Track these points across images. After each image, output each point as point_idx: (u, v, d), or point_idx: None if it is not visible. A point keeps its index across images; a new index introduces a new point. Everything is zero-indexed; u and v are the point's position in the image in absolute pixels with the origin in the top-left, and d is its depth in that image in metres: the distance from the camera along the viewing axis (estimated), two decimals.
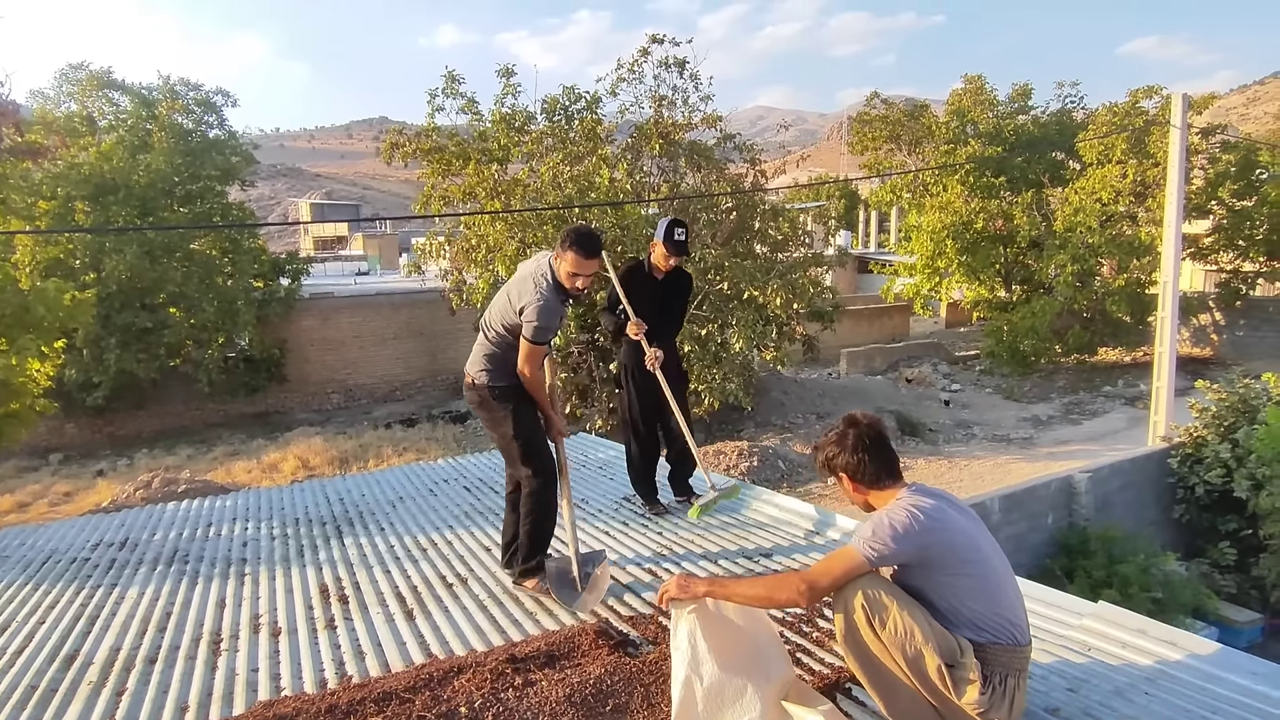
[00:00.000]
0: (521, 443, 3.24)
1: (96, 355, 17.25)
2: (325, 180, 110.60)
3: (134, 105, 20.07)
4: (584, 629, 2.82)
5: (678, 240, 4.11)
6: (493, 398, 3.27)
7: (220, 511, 4.89)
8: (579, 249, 3.07)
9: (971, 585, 1.99)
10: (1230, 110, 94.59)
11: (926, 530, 1.97)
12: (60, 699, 2.62)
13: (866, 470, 2.14)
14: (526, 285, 3.16)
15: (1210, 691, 2.30)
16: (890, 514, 2.02)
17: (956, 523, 2.03)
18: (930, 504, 2.03)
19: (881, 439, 2.17)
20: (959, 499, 2.21)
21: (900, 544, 1.96)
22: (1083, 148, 20.24)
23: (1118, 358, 22.50)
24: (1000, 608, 2.00)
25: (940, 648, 1.91)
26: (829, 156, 75.49)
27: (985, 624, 1.97)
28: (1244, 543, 8.79)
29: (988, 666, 1.94)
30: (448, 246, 15.68)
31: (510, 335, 3.20)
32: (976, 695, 1.89)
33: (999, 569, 2.06)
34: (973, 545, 2.03)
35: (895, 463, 2.18)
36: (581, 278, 3.12)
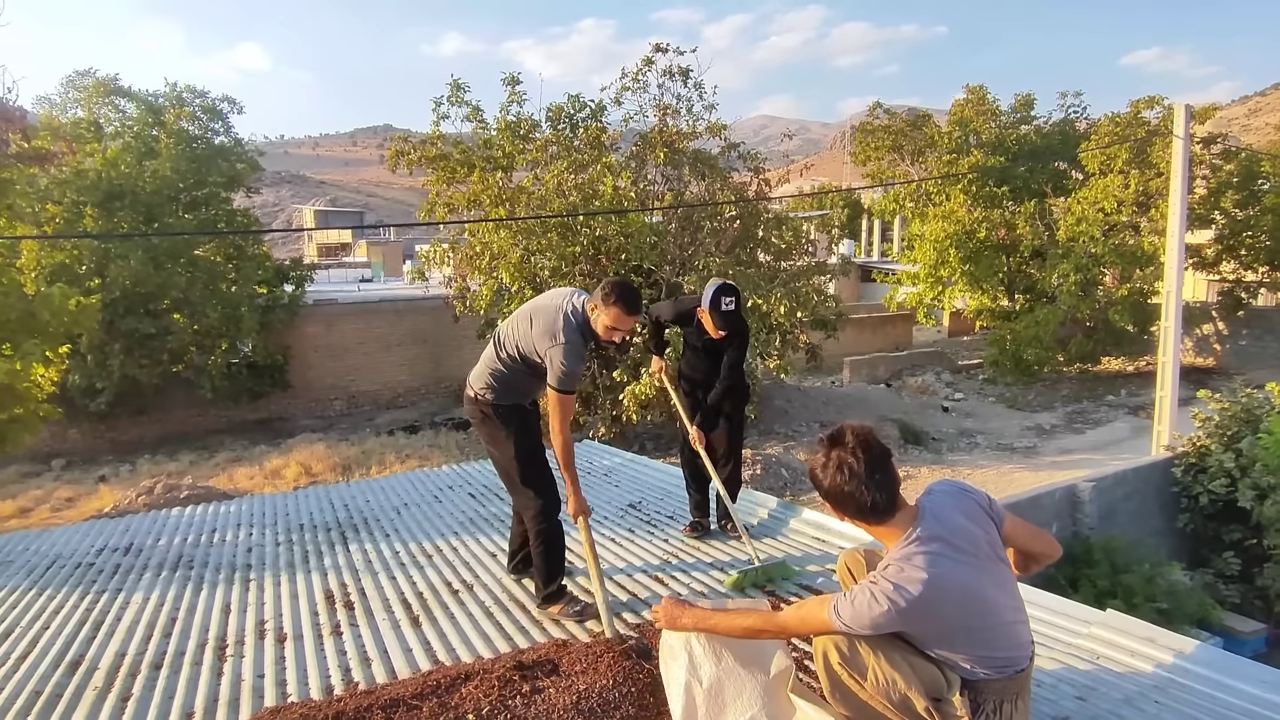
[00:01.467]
0: (522, 464, 3.13)
1: (100, 361, 17.29)
2: (329, 187, 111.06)
3: (140, 112, 20.18)
4: (592, 638, 2.83)
5: (725, 311, 3.63)
6: (495, 415, 3.17)
7: (225, 517, 4.90)
8: (623, 305, 2.94)
9: (961, 640, 1.86)
10: (1232, 121, 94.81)
11: (909, 618, 1.79)
12: (65, 705, 2.63)
13: (849, 504, 1.86)
14: (553, 321, 2.98)
15: (1220, 700, 2.30)
16: (871, 598, 1.80)
17: (951, 588, 1.80)
18: (920, 578, 1.78)
19: (869, 467, 1.83)
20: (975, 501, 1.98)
21: (878, 629, 1.82)
22: (1085, 158, 20.28)
23: (1121, 367, 22.48)
24: (993, 649, 1.88)
25: (926, 687, 1.84)
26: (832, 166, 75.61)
27: (976, 665, 1.87)
28: (1248, 552, 8.76)
29: (980, 696, 1.87)
30: (452, 254, 15.73)
31: (523, 362, 3.09)
32: None
33: (999, 607, 1.89)
34: (965, 605, 1.83)
35: (891, 495, 1.86)
36: (619, 333, 3.01)
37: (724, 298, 3.63)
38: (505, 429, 3.15)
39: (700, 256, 14.31)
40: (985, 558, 1.90)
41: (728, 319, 3.65)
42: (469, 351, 21.16)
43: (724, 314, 3.63)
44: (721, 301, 3.62)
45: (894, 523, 1.88)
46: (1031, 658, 1.97)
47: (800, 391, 18.72)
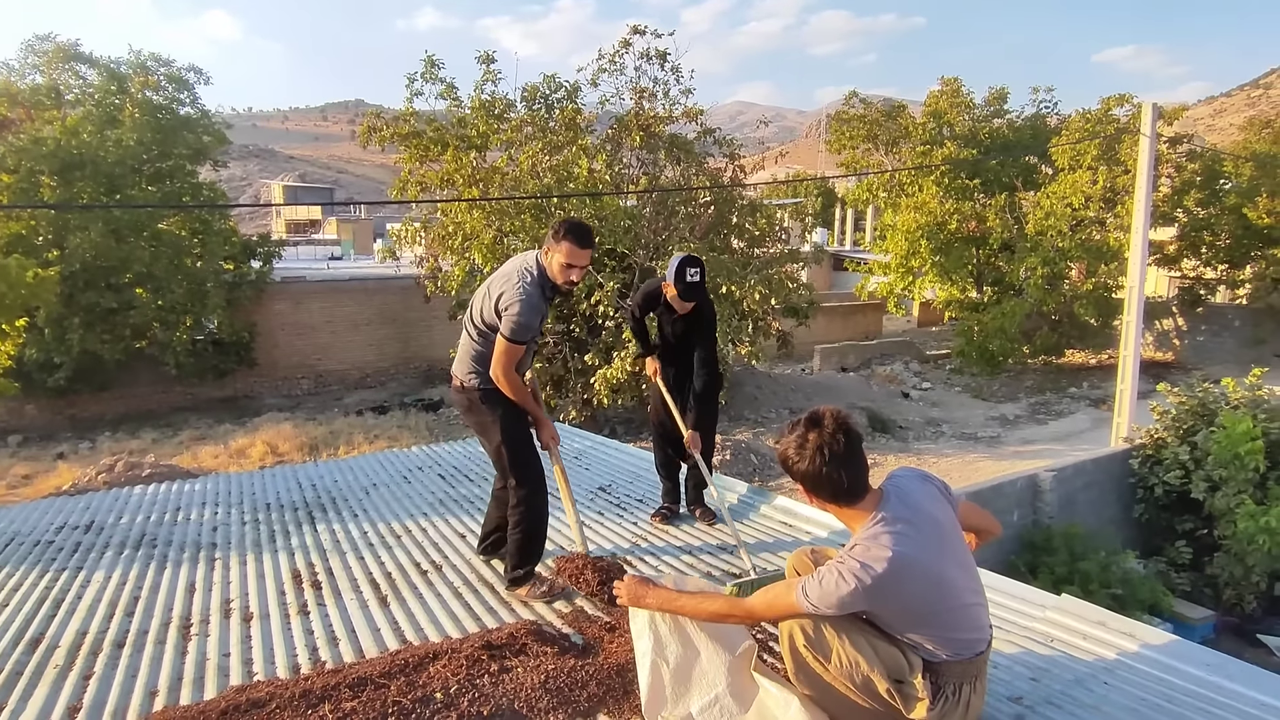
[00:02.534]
0: (510, 449, 3.13)
1: (58, 335, 16.83)
2: (298, 162, 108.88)
3: (102, 80, 19.56)
4: (565, 618, 2.85)
5: (690, 282, 3.62)
6: (481, 401, 3.15)
7: (189, 496, 4.83)
8: (573, 238, 2.97)
9: (921, 623, 1.91)
10: (1198, 121, 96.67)
11: (873, 596, 1.84)
12: (25, 682, 2.58)
13: (825, 486, 1.91)
14: (510, 280, 3.01)
15: (1166, 682, 2.38)
16: (839, 577, 1.84)
17: (912, 569, 1.85)
18: (885, 557, 1.82)
19: (847, 450, 1.89)
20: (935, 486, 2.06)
21: (843, 610, 1.87)
22: (1055, 153, 20.59)
23: (1084, 360, 22.98)
24: (954, 630, 1.93)
25: (888, 669, 1.89)
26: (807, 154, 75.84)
27: (937, 647, 1.92)
28: (1200, 542, 9.04)
29: (940, 678, 1.92)
30: (424, 233, 15.55)
31: (492, 333, 3.06)
32: (925, 710, 1.89)
33: (959, 589, 1.94)
34: (928, 584, 1.89)
35: (860, 477, 1.92)
36: (575, 269, 3.01)
37: (689, 269, 3.61)
38: (492, 415, 3.13)
39: (674, 241, 14.30)
40: (946, 540, 1.96)
41: (692, 290, 3.63)
42: (439, 332, 20.98)
43: (689, 285, 3.61)
44: (686, 273, 3.60)
45: (862, 505, 1.93)
46: (990, 641, 2.03)
47: (770, 378, 18.87)
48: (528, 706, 2.24)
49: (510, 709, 2.22)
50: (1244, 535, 8.16)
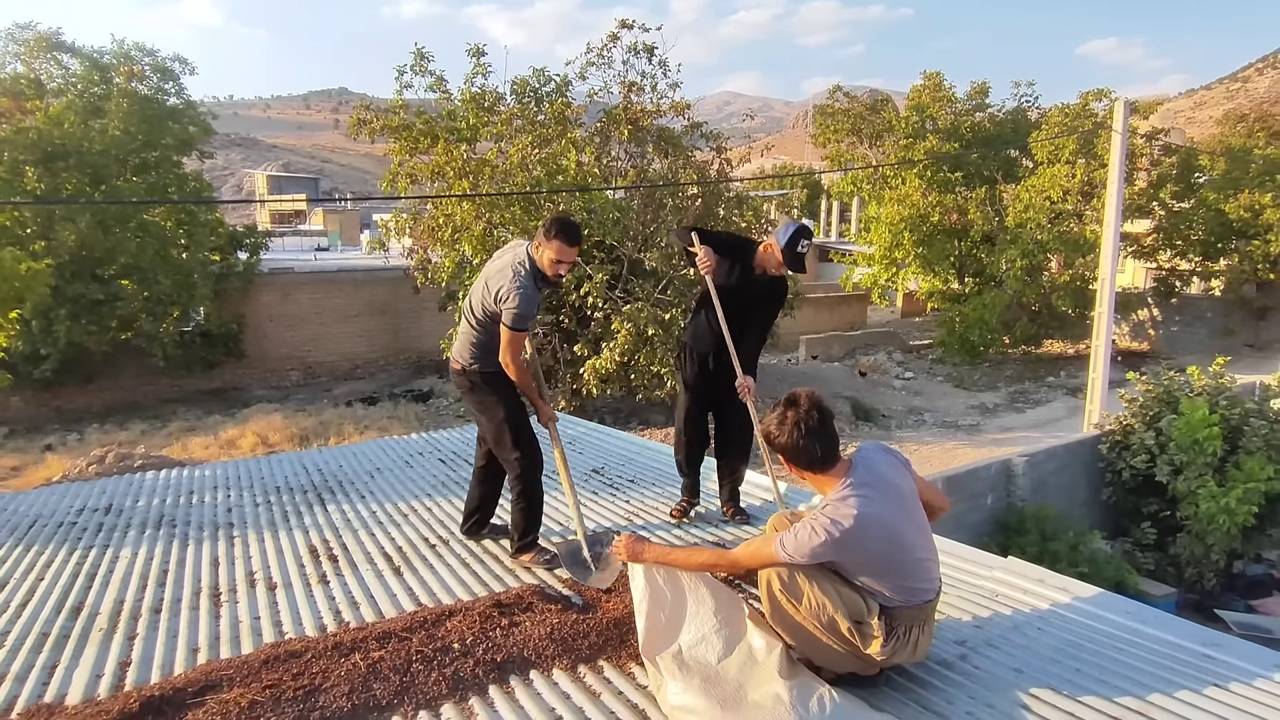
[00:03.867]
0: (511, 426, 3.37)
1: (45, 327, 16.85)
2: (282, 151, 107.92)
3: (85, 69, 19.48)
4: (566, 582, 3.14)
5: (799, 253, 3.54)
6: (483, 382, 3.41)
7: (200, 480, 5.06)
8: (563, 237, 3.22)
9: (881, 572, 2.20)
10: (1178, 113, 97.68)
11: (840, 547, 2.13)
12: (74, 643, 2.84)
13: (800, 455, 2.22)
14: (505, 274, 3.27)
15: (1091, 627, 2.73)
16: (811, 530, 2.14)
17: (874, 525, 2.14)
18: (852, 514, 2.12)
19: (820, 424, 2.21)
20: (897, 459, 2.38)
21: (814, 559, 2.17)
22: (1035, 146, 20.99)
23: (1062, 350, 23.49)
24: (907, 580, 2.23)
25: (849, 611, 2.21)
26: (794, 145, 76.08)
27: (892, 594, 2.22)
28: (1164, 523, 9.47)
29: (893, 621, 2.23)
30: (413, 225, 15.71)
31: (492, 322, 3.32)
32: (879, 647, 2.22)
33: (913, 546, 2.24)
34: (887, 540, 2.18)
35: (831, 448, 2.23)
36: (564, 264, 3.28)
37: (802, 239, 3.55)
38: (493, 395, 3.41)
39: (662, 234, 14.56)
40: (905, 503, 2.30)
41: (797, 261, 3.56)
42: (429, 323, 21.13)
43: (796, 256, 3.54)
44: (800, 242, 3.54)
45: (833, 472, 2.27)
46: (938, 592, 2.37)
47: (758, 368, 19.19)
48: (536, 654, 2.52)
49: (520, 656, 2.51)
50: (1205, 516, 8.58)
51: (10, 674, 2.61)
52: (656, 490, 4.55)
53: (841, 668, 2.32)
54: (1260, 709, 2.23)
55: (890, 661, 2.29)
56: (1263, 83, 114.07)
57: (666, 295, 14.20)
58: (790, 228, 3.58)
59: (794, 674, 2.23)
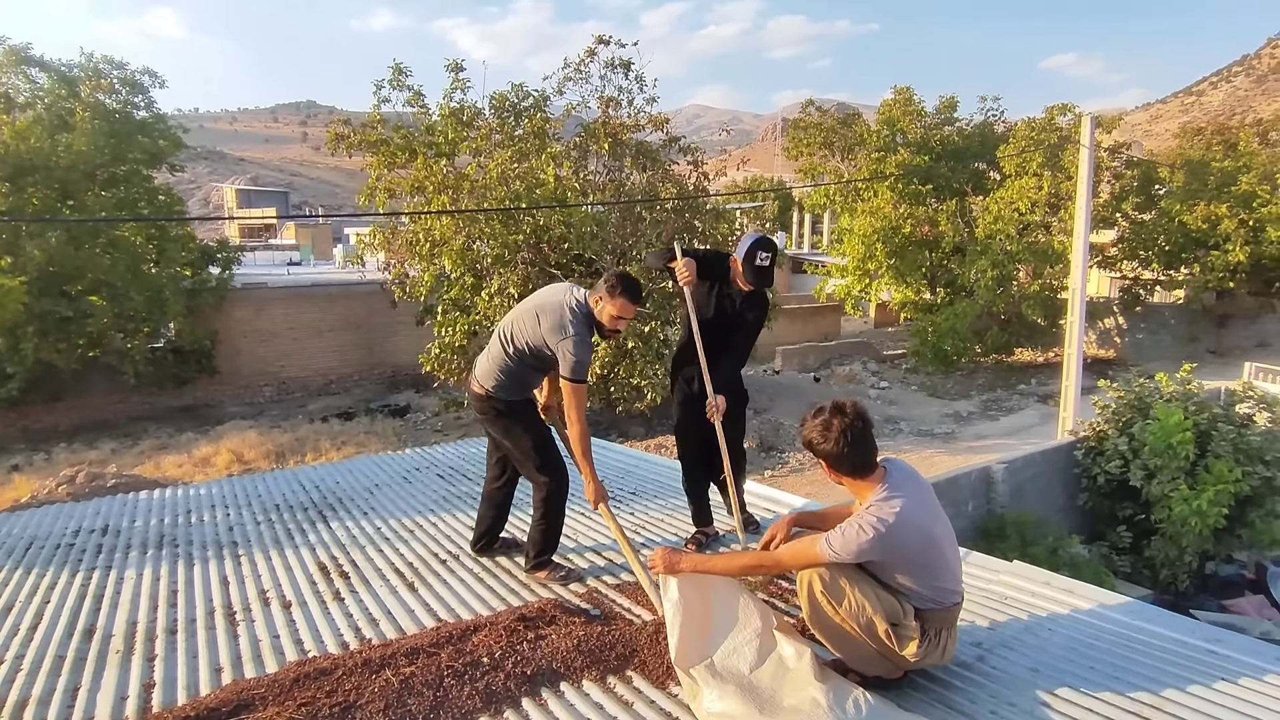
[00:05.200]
0: (538, 453, 3.38)
1: (12, 345, 16.46)
2: (250, 165, 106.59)
3: (53, 83, 19.16)
4: (582, 596, 3.17)
5: (759, 266, 3.44)
6: (509, 411, 3.38)
7: (197, 500, 5.00)
8: (629, 295, 3.20)
9: (917, 570, 2.32)
10: (1136, 127, 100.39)
11: (885, 544, 2.24)
12: (93, 666, 2.81)
13: (845, 461, 2.34)
14: (559, 315, 3.17)
15: (1097, 626, 2.86)
16: (859, 528, 2.25)
17: (913, 523, 2.28)
18: (895, 511, 2.25)
19: (864, 432, 2.34)
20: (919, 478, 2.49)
21: (860, 557, 2.28)
22: (1003, 160, 21.50)
23: (1032, 358, 23.99)
24: (939, 580, 2.36)
25: (887, 613, 2.32)
26: (764, 157, 76.90)
27: (926, 595, 2.35)
28: (1139, 527, 9.70)
29: (926, 624, 2.34)
30: (391, 239, 15.65)
31: (532, 356, 3.26)
32: (915, 648, 2.32)
33: (944, 547, 2.39)
34: (924, 537, 2.31)
35: (873, 455, 2.36)
36: (624, 321, 3.25)
37: (760, 251, 3.44)
38: (519, 423, 3.41)
39: (640, 247, 14.66)
40: (935, 508, 2.44)
41: (761, 275, 3.47)
42: (404, 338, 21.00)
43: (757, 270, 3.44)
44: (757, 255, 3.43)
45: (872, 478, 2.39)
46: (963, 596, 2.48)
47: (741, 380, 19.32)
48: (565, 666, 2.56)
49: (550, 668, 2.54)
50: (1178, 519, 8.82)
51: (33, 698, 2.58)
52: (660, 502, 4.59)
53: (871, 670, 2.41)
54: (1270, 700, 2.35)
55: (922, 664, 2.37)
56: (1217, 96, 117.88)
57: (645, 308, 14.29)
58: (747, 241, 3.48)
59: (827, 678, 2.29)
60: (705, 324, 3.52)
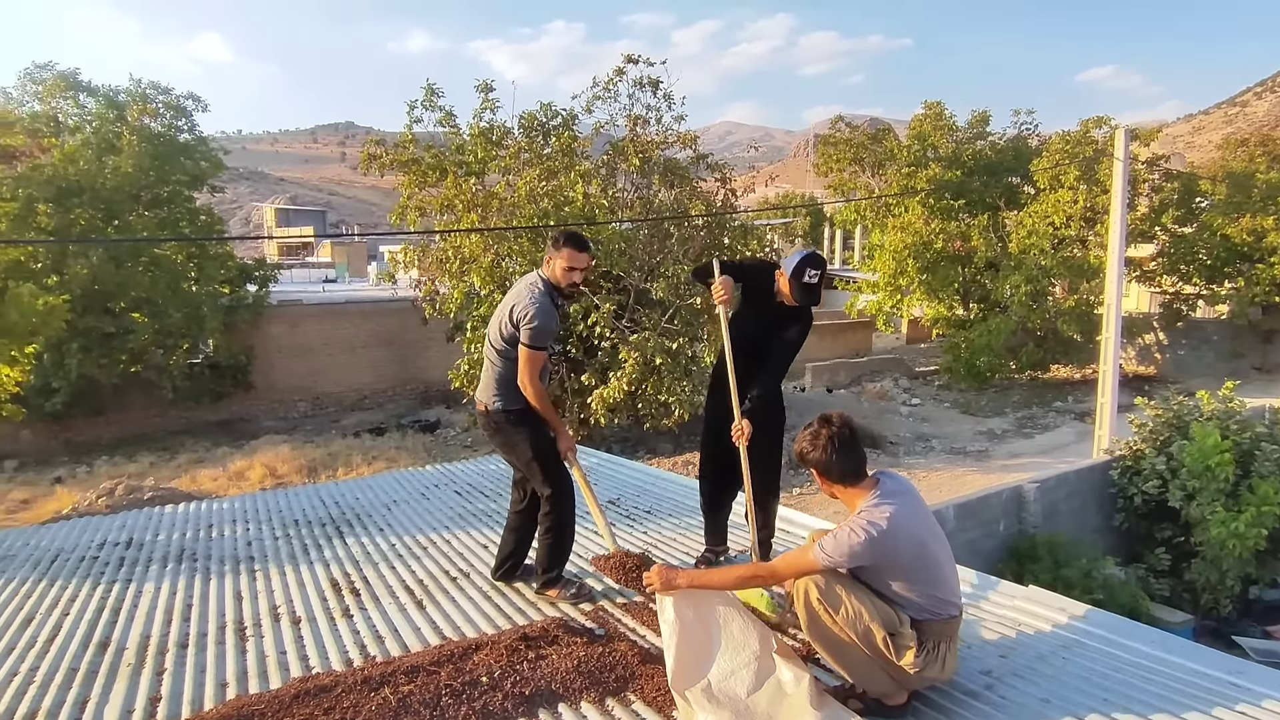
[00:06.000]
0: (540, 463, 3.39)
1: (57, 360, 17.00)
2: (289, 185, 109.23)
3: (101, 108, 19.87)
4: (588, 615, 3.15)
5: (807, 284, 3.32)
6: (507, 423, 3.41)
7: (219, 514, 5.09)
8: (573, 245, 3.34)
9: (912, 579, 2.34)
10: (1177, 139, 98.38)
11: (877, 548, 2.27)
12: (104, 678, 2.86)
13: (834, 469, 2.40)
14: (521, 297, 3.33)
15: (1116, 656, 2.75)
16: (850, 531, 2.29)
17: (905, 530, 2.29)
18: (885, 516, 2.28)
19: (851, 441, 2.40)
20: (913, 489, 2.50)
21: (853, 560, 2.31)
22: (1037, 173, 21.17)
23: (1068, 374, 23.46)
24: (935, 590, 2.36)
25: (884, 622, 2.31)
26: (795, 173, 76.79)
27: (922, 605, 2.35)
28: (1178, 549, 9.39)
29: (923, 635, 2.33)
30: (421, 256, 15.88)
31: (511, 347, 3.32)
32: (913, 658, 2.30)
33: (939, 558, 2.39)
34: (917, 545, 2.33)
35: (862, 463, 2.42)
36: (577, 271, 3.34)
37: (809, 269, 3.32)
38: (519, 435, 3.40)
39: (668, 264, 14.68)
40: (929, 520, 2.43)
41: (807, 292, 3.35)
42: (436, 354, 21.23)
43: (805, 287, 3.32)
44: (806, 272, 3.32)
45: (863, 485, 2.42)
46: (961, 610, 2.44)
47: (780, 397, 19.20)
48: (563, 687, 2.54)
49: (548, 689, 2.53)
50: (1216, 541, 8.52)
51: (43, 709, 2.64)
52: (674, 521, 4.57)
53: (874, 685, 2.38)
54: None
55: (922, 675, 2.33)
56: (1261, 106, 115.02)
57: (673, 325, 14.28)
58: (796, 256, 3.37)
59: (823, 704, 2.24)
60: (743, 338, 3.49)
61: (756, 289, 3.57)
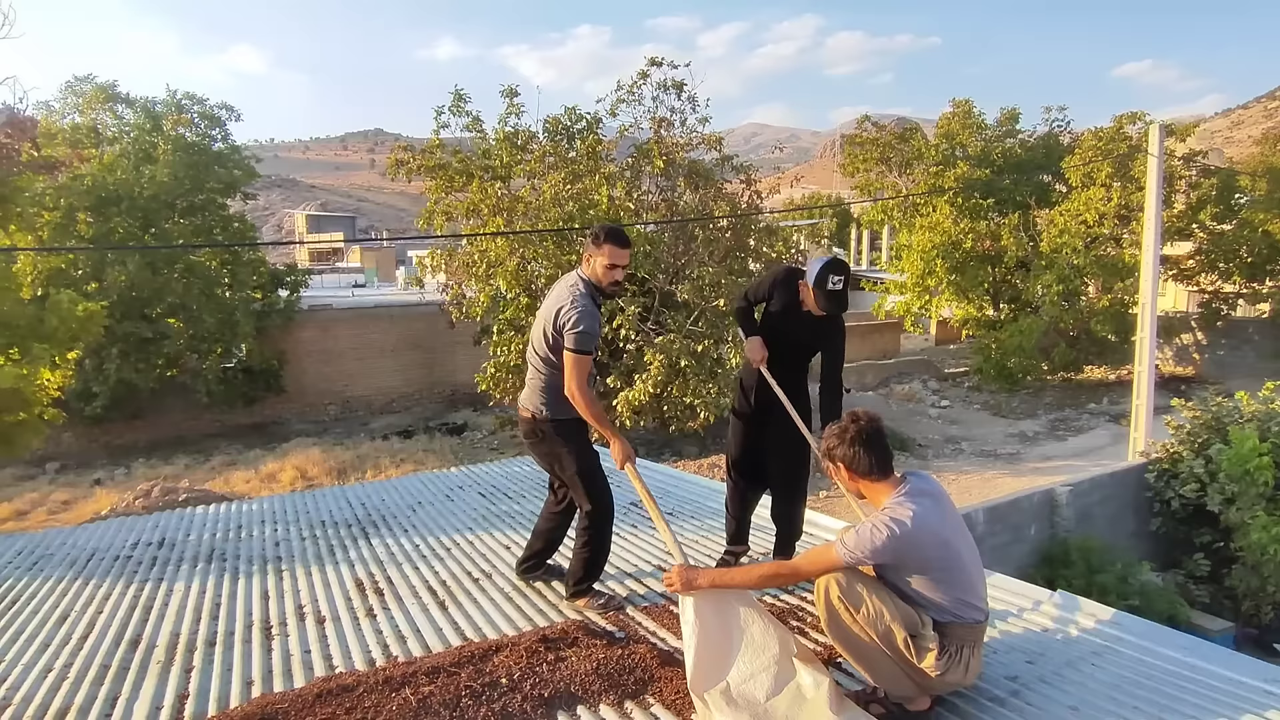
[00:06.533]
0: (585, 479, 3.31)
1: (97, 365, 17.45)
2: (320, 191, 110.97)
3: (138, 118, 20.38)
4: (606, 619, 3.15)
5: (831, 290, 3.23)
6: (555, 433, 3.30)
7: (248, 515, 5.18)
8: (614, 241, 3.22)
9: (936, 579, 2.30)
10: (1215, 133, 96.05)
11: (901, 545, 2.24)
12: (134, 675, 2.92)
13: (860, 463, 2.39)
14: (563, 299, 3.19)
15: (1147, 663, 2.67)
16: (873, 527, 2.27)
17: (930, 528, 2.27)
18: (910, 514, 2.25)
19: (877, 436, 2.41)
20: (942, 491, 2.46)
21: (875, 556, 2.28)
22: (1069, 171, 20.80)
23: (1103, 376, 22.99)
24: (960, 593, 2.32)
25: (905, 622, 2.28)
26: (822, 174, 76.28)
27: (945, 607, 2.31)
28: (1217, 555, 9.15)
29: (946, 638, 2.30)
30: (448, 260, 16.03)
31: (556, 354, 3.21)
32: (934, 660, 2.26)
33: (965, 561, 2.36)
34: (942, 545, 2.30)
35: (888, 459, 2.41)
36: (618, 269, 3.22)
37: (832, 275, 3.22)
38: (565, 448, 3.31)
39: (694, 266, 14.67)
40: (956, 520, 2.40)
41: (833, 300, 3.25)
42: (463, 357, 21.41)
43: (829, 294, 3.23)
44: (829, 279, 3.22)
45: (889, 482, 2.40)
46: (987, 616, 2.39)
47: None
48: (582, 689, 2.54)
49: (567, 691, 2.53)
50: (1257, 546, 8.29)
51: (75, 705, 2.70)
52: (696, 523, 4.55)
53: (896, 687, 2.34)
54: None
55: (943, 679, 2.29)
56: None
57: (698, 327, 14.25)
58: (817, 264, 3.27)
59: (844, 709, 2.22)
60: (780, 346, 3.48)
61: (783, 300, 3.49)
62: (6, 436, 10.37)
